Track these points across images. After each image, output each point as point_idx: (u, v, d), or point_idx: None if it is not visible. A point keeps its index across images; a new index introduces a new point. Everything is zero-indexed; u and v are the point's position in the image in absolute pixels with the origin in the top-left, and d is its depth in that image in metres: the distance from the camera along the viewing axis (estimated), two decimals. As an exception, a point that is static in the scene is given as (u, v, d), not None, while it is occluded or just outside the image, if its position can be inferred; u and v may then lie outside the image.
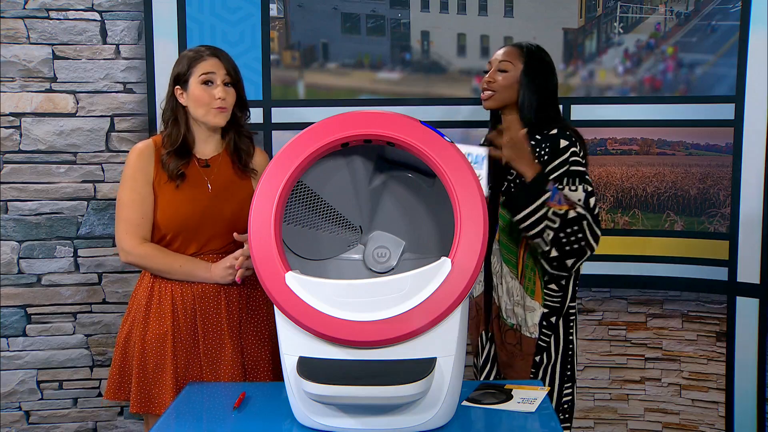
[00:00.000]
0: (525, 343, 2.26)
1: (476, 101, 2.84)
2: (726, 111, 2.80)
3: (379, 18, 2.86)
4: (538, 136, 2.26)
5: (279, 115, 2.85)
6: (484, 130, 2.54)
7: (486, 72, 2.35)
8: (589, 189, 2.20)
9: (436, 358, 1.65)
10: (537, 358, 2.26)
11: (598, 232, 2.18)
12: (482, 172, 2.12)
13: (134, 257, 2.17)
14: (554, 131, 2.25)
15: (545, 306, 2.25)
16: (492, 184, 2.25)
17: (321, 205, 1.98)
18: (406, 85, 2.89)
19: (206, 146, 2.24)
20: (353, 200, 2.01)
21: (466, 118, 2.87)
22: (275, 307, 1.68)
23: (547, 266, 2.20)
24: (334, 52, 2.88)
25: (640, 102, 2.88)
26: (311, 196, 1.96)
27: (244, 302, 2.23)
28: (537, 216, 2.11)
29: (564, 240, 2.13)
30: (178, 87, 2.19)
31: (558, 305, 2.27)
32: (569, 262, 2.16)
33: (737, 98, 2.78)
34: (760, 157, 2.76)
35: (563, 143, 2.22)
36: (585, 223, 2.14)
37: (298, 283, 1.65)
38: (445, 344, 1.66)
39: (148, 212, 2.17)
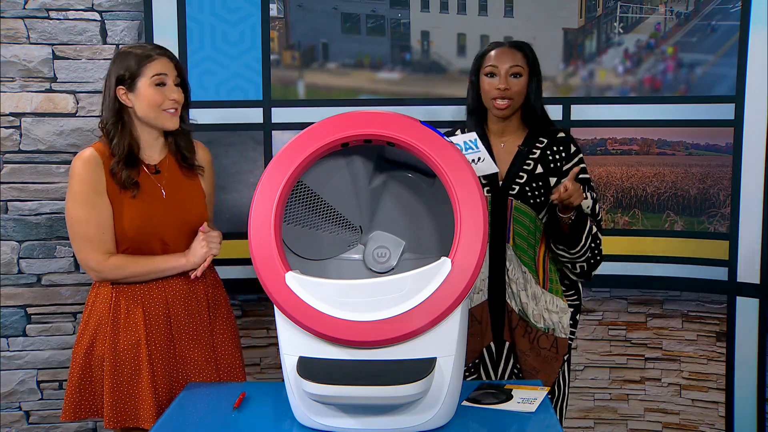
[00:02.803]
0: (560, 345, 2.26)
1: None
2: (726, 111, 2.80)
3: (379, 18, 2.85)
4: (543, 138, 2.26)
5: (279, 115, 2.85)
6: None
7: (483, 74, 2.25)
8: (595, 196, 2.25)
9: (436, 358, 1.65)
10: (566, 357, 2.30)
11: (601, 237, 2.25)
12: (482, 155, 2.09)
13: (106, 273, 2.06)
14: (561, 134, 2.28)
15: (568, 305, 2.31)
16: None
17: (321, 205, 1.98)
18: (406, 85, 2.89)
19: (153, 151, 2.14)
20: (353, 200, 2.01)
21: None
22: (275, 307, 1.68)
23: (575, 278, 2.31)
24: (334, 52, 2.88)
25: (640, 102, 2.87)
26: (311, 196, 1.96)
27: (212, 303, 2.20)
28: (588, 242, 2.18)
29: (590, 254, 2.22)
30: (121, 87, 2.05)
31: (577, 302, 2.34)
32: (595, 272, 2.28)
33: (737, 98, 2.77)
34: (760, 157, 2.76)
35: (573, 148, 2.26)
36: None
37: (298, 283, 1.65)
38: (445, 344, 1.66)
39: (107, 225, 2.05)
